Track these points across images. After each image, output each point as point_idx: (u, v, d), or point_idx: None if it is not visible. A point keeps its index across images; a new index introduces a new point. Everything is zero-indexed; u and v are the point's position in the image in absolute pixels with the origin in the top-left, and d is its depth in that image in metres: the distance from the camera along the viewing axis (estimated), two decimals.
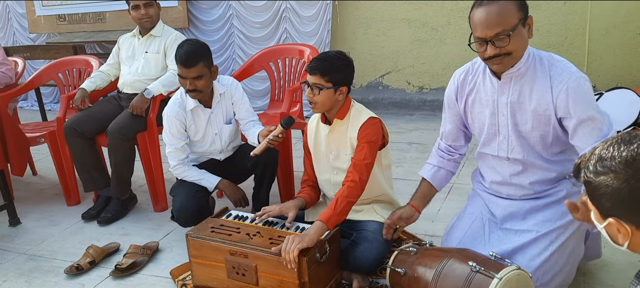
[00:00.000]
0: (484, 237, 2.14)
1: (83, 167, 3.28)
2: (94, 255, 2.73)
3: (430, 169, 2.31)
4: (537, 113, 1.95)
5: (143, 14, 3.29)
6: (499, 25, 1.83)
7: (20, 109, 6.02)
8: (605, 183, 1.16)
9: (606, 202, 1.17)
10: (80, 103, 3.29)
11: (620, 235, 1.21)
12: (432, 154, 2.35)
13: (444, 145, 2.31)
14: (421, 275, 2.01)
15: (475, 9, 1.89)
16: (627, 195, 1.13)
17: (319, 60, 2.25)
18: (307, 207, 2.46)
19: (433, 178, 2.30)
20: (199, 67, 2.63)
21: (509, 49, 1.86)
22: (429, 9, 4.92)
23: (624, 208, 1.15)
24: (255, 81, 5.36)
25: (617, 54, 4.46)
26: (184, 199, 2.69)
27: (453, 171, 2.33)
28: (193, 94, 2.70)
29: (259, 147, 2.50)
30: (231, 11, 5.41)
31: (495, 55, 1.87)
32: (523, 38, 1.88)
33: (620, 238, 1.22)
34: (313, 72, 2.23)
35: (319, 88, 2.21)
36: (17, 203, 3.41)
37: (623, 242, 1.21)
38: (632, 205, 1.14)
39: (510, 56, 1.89)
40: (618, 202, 1.15)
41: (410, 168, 3.71)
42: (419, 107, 5.16)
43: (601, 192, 1.17)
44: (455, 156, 2.30)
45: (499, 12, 1.82)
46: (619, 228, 1.19)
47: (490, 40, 1.85)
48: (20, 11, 6.38)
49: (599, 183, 1.17)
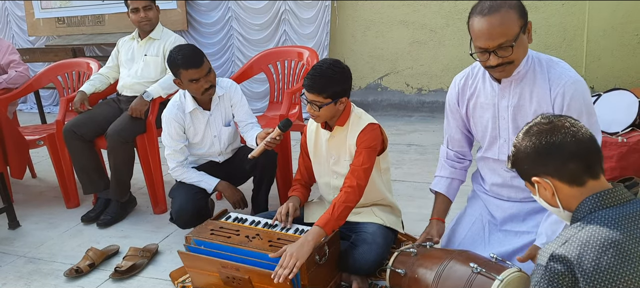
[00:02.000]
0: (484, 239, 2.14)
1: (82, 170, 3.28)
2: (94, 257, 2.73)
3: (445, 182, 2.27)
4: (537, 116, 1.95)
5: (142, 17, 3.29)
6: (501, 36, 1.81)
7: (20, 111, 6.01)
8: (518, 152, 1.45)
9: (525, 166, 1.45)
10: (80, 106, 3.29)
11: (547, 192, 1.42)
12: (441, 165, 2.31)
13: (452, 153, 2.29)
14: (421, 276, 2.00)
15: (475, 17, 1.86)
16: (532, 151, 1.41)
17: (314, 78, 2.19)
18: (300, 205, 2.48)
19: (448, 191, 2.27)
20: (206, 61, 2.66)
21: (512, 58, 1.86)
22: (427, 10, 4.92)
23: (536, 163, 1.41)
24: (254, 83, 5.37)
25: (615, 55, 4.47)
26: (183, 201, 2.70)
27: (463, 180, 2.31)
28: (210, 91, 2.70)
29: (257, 150, 2.50)
30: (230, 13, 5.41)
31: (498, 64, 1.87)
32: (524, 45, 1.88)
33: (549, 196, 1.42)
34: (310, 91, 2.20)
35: (319, 105, 2.21)
36: (17, 206, 3.41)
37: (554, 200, 1.42)
38: (538, 157, 1.41)
39: (513, 64, 1.89)
40: (530, 160, 1.42)
41: (409, 169, 3.72)
42: (418, 109, 5.16)
43: (520, 160, 1.46)
44: (465, 163, 2.29)
45: (501, 23, 1.80)
46: (544, 185, 1.41)
47: (492, 51, 1.85)
48: (20, 14, 6.38)
49: (516, 157, 1.47)
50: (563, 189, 1.40)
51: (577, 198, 1.38)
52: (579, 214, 1.37)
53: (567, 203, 1.41)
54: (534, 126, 1.44)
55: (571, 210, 1.41)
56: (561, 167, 1.38)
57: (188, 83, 2.66)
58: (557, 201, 1.42)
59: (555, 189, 1.40)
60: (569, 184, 1.39)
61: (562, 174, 1.39)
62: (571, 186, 1.39)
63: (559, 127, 1.40)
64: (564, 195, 1.41)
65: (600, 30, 4.44)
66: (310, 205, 2.56)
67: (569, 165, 1.37)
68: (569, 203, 1.41)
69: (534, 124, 1.45)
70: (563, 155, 1.38)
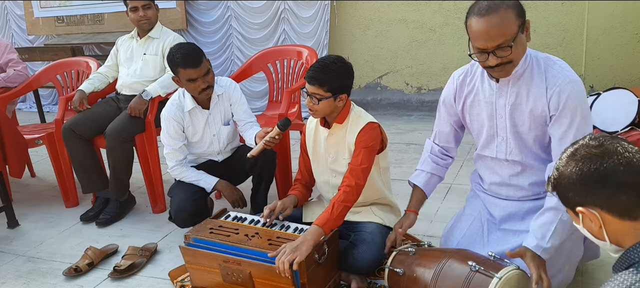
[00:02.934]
0: (482, 238, 2.14)
1: (81, 169, 3.28)
2: (93, 256, 2.73)
3: (424, 177, 2.28)
4: (534, 115, 1.96)
5: (141, 15, 3.29)
6: (500, 37, 1.80)
7: (19, 110, 6.00)
8: (562, 177, 1.29)
9: (569, 193, 1.28)
10: (79, 105, 3.29)
11: (593, 224, 1.27)
12: (424, 160, 2.31)
13: (438, 148, 2.29)
14: (420, 275, 2.01)
15: (472, 17, 1.85)
16: (578, 178, 1.25)
17: (317, 70, 2.20)
18: (298, 205, 2.48)
19: (426, 186, 2.28)
20: (205, 61, 2.65)
21: (511, 57, 1.85)
22: (426, 9, 4.92)
23: (582, 192, 1.26)
24: (253, 82, 5.36)
25: (614, 55, 4.47)
26: (181, 200, 2.69)
27: (443, 177, 2.33)
28: (207, 91, 2.70)
29: (256, 149, 2.50)
30: (230, 12, 5.41)
31: (497, 64, 1.86)
32: (523, 44, 1.88)
33: (596, 229, 1.27)
34: (311, 82, 2.20)
35: (318, 98, 2.21)
36: (16, 205, 3.41)
37: (601, 233, 1.27)
38: (585, 185, 1.25)
39: (512, 63, 1.89)
40: (575, 188, 1.27)
41: (408, 169, 3.71)
42: (418, 108, 5.16)
43: (563, 186, 1.29)
44: (448, 161, 2.30)
45: (500, 23, 1.79)
46: (589, 217, 1.26)
47: (491, 51, 1.84)
48: (19, 13, 6.37)
49: (558, 182, 1.31)
50: (612, 223, 1.24)
51: (629, 235, 1.24)
52: (637, 256, 1.21)
53: (617, 239, 1.26)
54: (581, 148, 1.28)
55: (621, 246, 1.26)
56: (612, 198, 1.22)
57: (186, 82, 2.65)
58: (604, 234, 1.26)
59: (603, 222, 1.25)
60: (620, 217, 1.23)
61: (612, 206, 1.23)
62: (622, 220, 1.23)
63: (610, 152, 1.23)
64: (613, 230, 1.25)
65: (600, 30, 4.44)
66: (309, 204, 2.56)
67: (621, 196, 1.21)
68: (618, 238, 1.26)
69: (581, 145, 1.28)
70: (615, 185, 1.21)
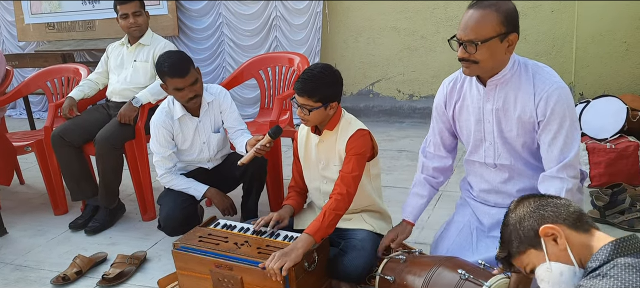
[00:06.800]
0: (471, 245, 2.15)
1: (71, 176, 3.26)
2: (81, 265, 2.71)
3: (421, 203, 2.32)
4: (522, 120, 1.97)
5: (132, 22, 3.28)
6: (472, 32, 1.86)
7: (9, 117, 5.96)
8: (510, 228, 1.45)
9: (524, 223, 1.41)
10: (68, 112, 3.26)
11: (558, 248, 1.33)
12: (420, 182, 2.32)
13: (431, 167, 2.30)
14: (410, 283, 2.00)
15: (467, 8, 1.92)
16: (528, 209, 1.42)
17: (305, 81, 2.20)
18: (294, 214, 2.47)
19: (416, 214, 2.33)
20: (192, 71, 2.64)
21: (476, 57, 1.89)
22: (418, 17, 4.94)
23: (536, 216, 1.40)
24: (245, 89, 5.36)
25: (604, 62, 4.51)
26: (170, 208, 2.68)
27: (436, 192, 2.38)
28: (194, 101, 2.69)
29: (246, 157, 2.49)
30: (221, 19, 5.41)
31: (462, 58, 1.92)
32: (494, 52, 1.89)
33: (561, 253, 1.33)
34: (300, 94, 2.20)
35: (309, 108, 2.21)
36: (4, 213, 3.37)
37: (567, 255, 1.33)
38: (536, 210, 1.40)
39: (477, 65, 1.91)
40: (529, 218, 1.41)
41: (400, 175, 3.71)
42: (409, 115, 5.18)
43: (514, 227, 1.44)
44: (440, 179, 2.33)
45: (477, 20, 1.85)
46: (553, 235, 1.34)
47: (462, 43, 1.89)
48: (9, 19, 6.34)
49: (506, 227, 1.46)
50: (572, 237, 1.34)
51: (589, 248, 1.31)
52: (595, 263, 1.26)
53: (580, 255, 1.32)
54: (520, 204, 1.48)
55: (584, 265, 1.32)
56: (564, 211, 1.38)
57: (173, 90, 2.65)
58: (569, 255, 1.33)
59: (566, 238, 1.33)
60: (576, 230, 1.34)
61: (568, 219, 1.36)
62: (579, 232, 1.34)
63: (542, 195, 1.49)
64: (576, 244, 1.33)
65: (589, 38, 4.47)
66: (300, 211, 2.55)
67: (571, 209, 1.38)
68: (581, 254, 1.32)
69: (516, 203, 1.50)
70: (563, 204, 1.40)
